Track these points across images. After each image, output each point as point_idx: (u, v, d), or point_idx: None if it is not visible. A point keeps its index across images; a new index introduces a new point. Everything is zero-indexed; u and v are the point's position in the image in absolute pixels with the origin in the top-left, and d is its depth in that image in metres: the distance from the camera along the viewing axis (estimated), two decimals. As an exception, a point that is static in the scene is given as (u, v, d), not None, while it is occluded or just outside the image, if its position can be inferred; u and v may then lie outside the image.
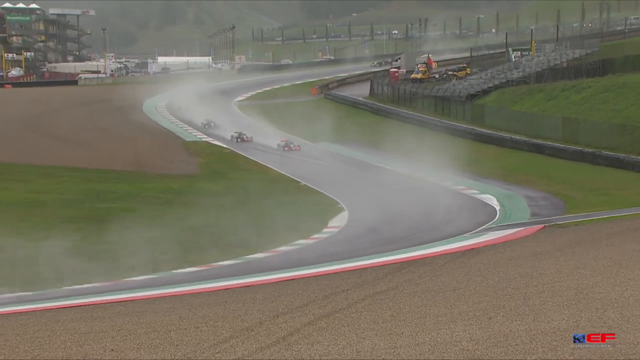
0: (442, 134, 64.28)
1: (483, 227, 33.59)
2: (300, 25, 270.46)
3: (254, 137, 66.13)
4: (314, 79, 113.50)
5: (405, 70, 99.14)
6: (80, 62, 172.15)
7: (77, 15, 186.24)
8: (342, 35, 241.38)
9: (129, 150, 62.05)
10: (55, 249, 30.83)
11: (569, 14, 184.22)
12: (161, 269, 28.22)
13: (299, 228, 35.70)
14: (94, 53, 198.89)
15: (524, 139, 59.17)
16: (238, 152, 62.31)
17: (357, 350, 12.00)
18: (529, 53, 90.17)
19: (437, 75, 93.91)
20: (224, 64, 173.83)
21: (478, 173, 50.11)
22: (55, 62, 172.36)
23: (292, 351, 12.11)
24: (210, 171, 54.56)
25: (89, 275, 26.95)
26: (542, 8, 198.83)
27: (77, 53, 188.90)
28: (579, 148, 53.52)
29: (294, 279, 21.24)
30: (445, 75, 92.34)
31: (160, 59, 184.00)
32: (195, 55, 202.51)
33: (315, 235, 34.57)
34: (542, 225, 30.72)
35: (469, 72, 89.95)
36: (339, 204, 42.22)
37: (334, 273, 22.06)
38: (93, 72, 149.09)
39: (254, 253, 30.70)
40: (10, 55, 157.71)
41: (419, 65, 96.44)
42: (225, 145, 64.75)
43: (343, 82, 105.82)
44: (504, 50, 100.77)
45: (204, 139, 69.11)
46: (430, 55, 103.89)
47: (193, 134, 72.34)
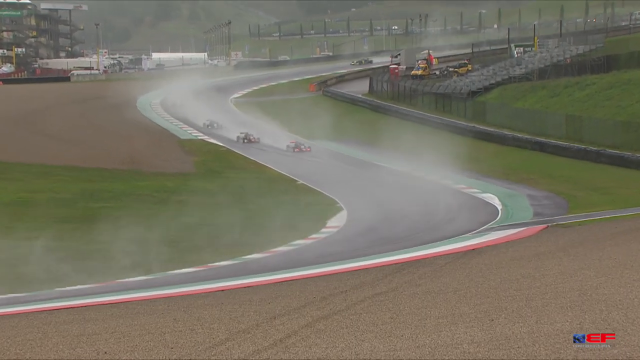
0: (443, 132, 64.29)
1: (484, 227, 33.60)
2: (298, 20, 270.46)
3: (260, 138, 64.80)
4: (311, 76, 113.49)
5: (405, 67, 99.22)
6: (72, 58, 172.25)
7: (70, 10, 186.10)
8: (340, 31, 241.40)
9: (123, 148, 62.02)
10: (48, 249, 30.79)
11: (573, 9, 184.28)
12: (156, 269, 28.20)
13: (296, 228, 35.69)
14: (87, 49, 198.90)
15: (526, 136, 59.18)
16: (234, 150, 62.29)
17: (356, 353, 12.00)
18: (531, 49, 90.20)
19: (437, 72, 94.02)
20: (219, 60, 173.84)
21: (479, 171, 50.14)
22: (47, 58, 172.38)
23: (289, 354, 12.11)
24: (206, 170, 54.55)
25: (81, 276, 26.93)
26: (545, 3, 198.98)
27: (70, 49, 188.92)
28: (583, 146, 53.52)
29: (291, 280, 21.24)
30: (446, 72, 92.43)
31: (155, 55, 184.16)
32: (191, 52, 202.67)
33: (313, 235, 34.57)
34: (544, 225, 30.71)
35: (470, 68, 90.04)
36: (338, 203, 42.23)
37: (332, 274, 22.05)
38: (86, 68, 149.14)
39: (250, 253, 30.68)
40: (0, 51, 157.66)
41: (419, 62, 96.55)
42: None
43: (342, 79, 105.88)
44: (506, 46, 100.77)
45: (199, 137, 69.10)
46: (430, 52, 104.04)
47: (188, 131, 72.33)
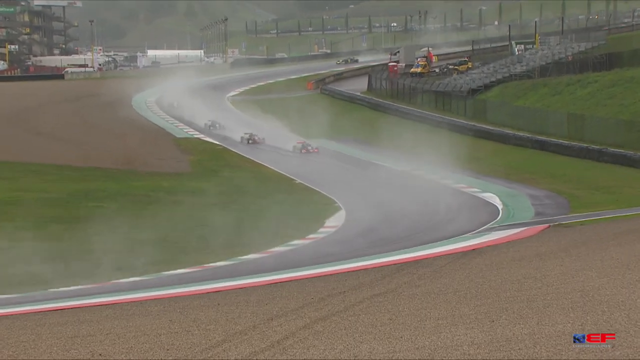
0: (443, 130, 64.30)
1: (485, 226, 33.62)
2: (296, 17, 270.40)
3: (265, 139, 63.75)
4: (309, 73, 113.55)
5: (404, 64, 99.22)
6: (66, 55, 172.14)
7: (63, 6, 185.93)
8: (338, 28, 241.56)
9: (118, 147, 62.01)
10: (41, 249, 30.78)
11: (574, 5, 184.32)
12: (151, 270, 28.19)
13: (294, 228, 35.71)
14: (81, 46, 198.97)
15: (528, 135, 59.22)
16: (230, 148, 62.28)
17: (355, 355, 12.00)
18: (532, 46, 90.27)
19: (437, 70, 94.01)
20: (216, 57, 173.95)
21: (479, 171, 50.17)
22: (41, 56, 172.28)
23: (287, 356, 12.11)
24: (202, 169, 54.56)
25: (75, 277, 26.92)
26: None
27: (64, 46, 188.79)
28: (585, 145, 53.56)
29: (289, 281, 21.24)
30: (445, 70, 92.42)
31: (150, 53, 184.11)
32: (187, 49, 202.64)
33: (311, 235, 34.59)
34: (546, 225, 30.75)
35: (470, 66, 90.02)
36: (336, 202, 42.25)
37: (330, 274, 22.07)
38: (80, 65, 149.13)
39: (247, 254, 30.68)
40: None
41: (419, 59, 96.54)
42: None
43: (340, 77, 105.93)
44: (506, 43, 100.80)
45: (195, 136, 69.09)
46: (430, 49, 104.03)
47: (184, 130, 72.32)
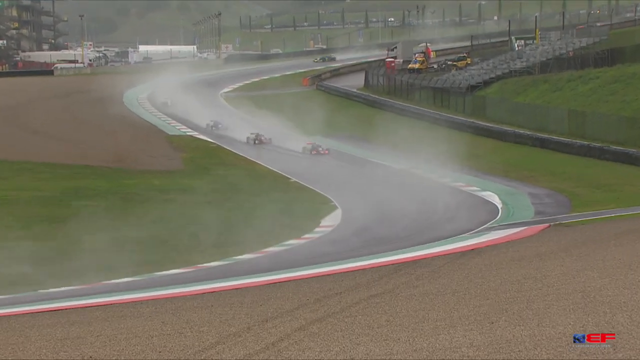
0: (441, 128, 64.34)
1: (484, 226, 33.66)
2: (291, 12, 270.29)
3: (272, 139, 62.54)
4: (305, 69, 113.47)
5: (402, 60, 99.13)
6: (56, 50, 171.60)
7: (53, 0, 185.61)
8: (335, 23, 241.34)
9: (109, 144, 61.94)
10: (31, 249, 30.76)
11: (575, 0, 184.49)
12: (143, 270, 28.19)
13: (289, 227, 35.72)
14: (71, 41, 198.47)
15: (528, 132, 59.26)
16: (225, 147, 62.22)
17: (351, 357, 12.01)
18: (533, 42, 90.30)
19: (435, 66, 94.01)
20: (209, 53, 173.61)
21: (478, 169, 50.20)
22: (30, 51, 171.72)
23: (282, 358, 12.12)
24: (195, 167, 54.52)
25: (65, 277, 26.90)
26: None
27: (53, 41, 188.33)
28: (586, 142, 53.61)
29: (284, 282, 21.26)
30: (444, 66, 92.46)
31: (142, 48, 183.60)
32: (179, 44, 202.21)
33: (306, 235, 34.60)
34: (546, 225, 30.80)
35: (469, 62, 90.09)
36: (332, 201, 42.26)
37: (326, 275, 22.08)
38: (70, 61, 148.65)
39: (241, 254, 30.70)
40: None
41: (417, 55, 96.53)
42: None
43: (336, 73, 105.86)
44: (506, 38, 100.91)
45: (188, 133, 69.03)
46: (428, 44, 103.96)
47: (177, 127, 72.26)
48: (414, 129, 61.38)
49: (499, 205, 39.12)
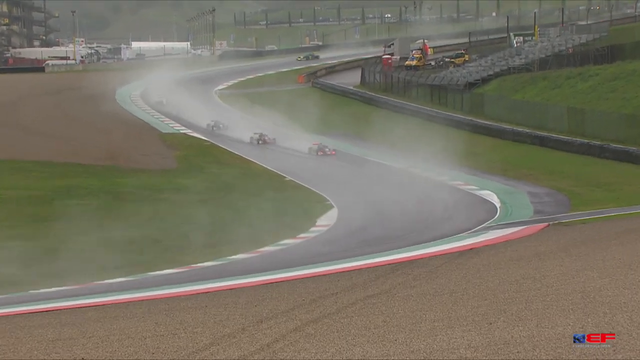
0: (438, 125, 64.35)
1: (482, 225, 33.68)
2: (286, 8, 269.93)
3: (276, 139, 61.98)
4: (300, 66, 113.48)
5: (398, 57, 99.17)
6: (47, 47, 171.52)
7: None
8: (330, 19, 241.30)
9: (102, 142, 61.86)
10: (21, 249, 30.72)
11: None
12: (136, 270, 28.17)
13: (284, 227, 35.72)
14: (63, 37, 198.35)
15: (526, 130, 59.28)
16: (219, 145, 62.19)
17: (348, 358, 12.01)
18: (531, 38, 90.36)
19: (433, 62, 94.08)
20: (203, 49, 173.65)
21: (477, 167, 50.22)
22: (20, 47, 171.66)
23: (277, 359, 12.12)
24: (189, 165, 54.49)
25: (57, 277, 26.87)
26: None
27: (44, 37, 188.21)
28: (586, 140, 53.65)
29: (279, 282, 21.26)
30: (441, 62, 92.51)
31: (135, 44, 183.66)
32: (173, 41, 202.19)
33: (302, 235, 34.61)
34: (545, 224, 30.83)
35: (467, 58, 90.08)
36: (328, 200, 42.25)
37: (322, 275, 22.09)
38: (61, 58, 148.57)
39: (236, 253, 30.69)
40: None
41: (414, 52, 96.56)
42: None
43: (332, 70, 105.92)
44: (505, 35, 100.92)
45: (182, 130, 68.98)
46: (425, 41, 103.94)
47: (170, 125, 72.21)
48: (411, 127, 61.39)
49: (498, 204, 39.15)
